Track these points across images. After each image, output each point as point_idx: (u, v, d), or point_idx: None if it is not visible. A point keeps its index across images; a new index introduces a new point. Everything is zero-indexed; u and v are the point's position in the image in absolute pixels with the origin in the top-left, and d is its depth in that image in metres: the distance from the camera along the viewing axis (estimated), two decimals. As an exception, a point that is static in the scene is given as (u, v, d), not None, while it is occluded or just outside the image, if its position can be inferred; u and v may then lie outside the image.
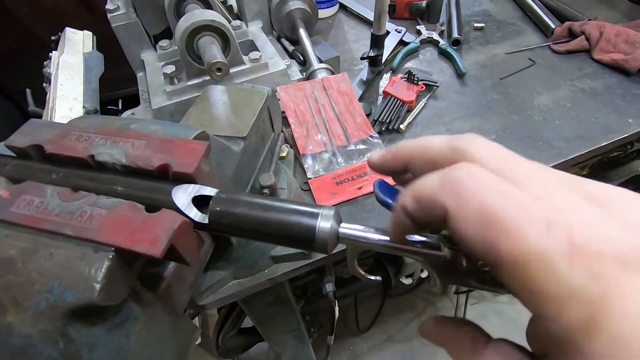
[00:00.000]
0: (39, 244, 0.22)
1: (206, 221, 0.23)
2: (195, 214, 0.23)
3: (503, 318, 1.28)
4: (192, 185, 0.25)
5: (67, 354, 0.22)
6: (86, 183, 0.25)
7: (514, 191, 0.15)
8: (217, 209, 0.23)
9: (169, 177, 0.25)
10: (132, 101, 0.73)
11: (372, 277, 0.24)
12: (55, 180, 0.25)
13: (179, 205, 0.23)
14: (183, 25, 0.55)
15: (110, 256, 0.21)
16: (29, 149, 0.27)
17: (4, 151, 0.29)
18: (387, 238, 0.21)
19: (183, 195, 0.24)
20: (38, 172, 0.26)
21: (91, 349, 0.23)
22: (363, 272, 0.24)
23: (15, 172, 0.26)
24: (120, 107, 0.86)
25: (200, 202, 0.24)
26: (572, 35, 0.76)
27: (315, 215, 0.22)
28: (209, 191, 0.24)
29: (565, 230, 0.14)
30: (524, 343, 0.18)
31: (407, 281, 0.85)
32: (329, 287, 0.58)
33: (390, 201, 0.20)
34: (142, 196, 0.24)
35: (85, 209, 0.23)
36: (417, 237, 0.20)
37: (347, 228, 0.22)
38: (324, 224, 0.21)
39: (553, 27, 0.78)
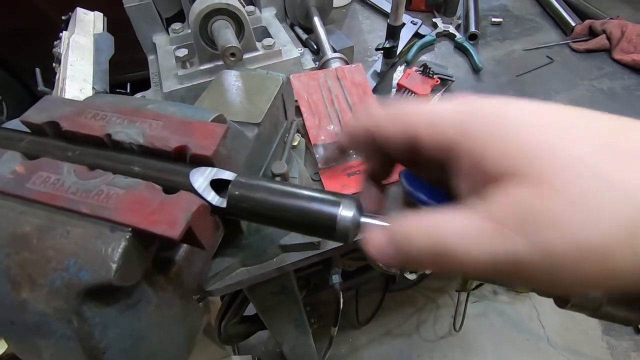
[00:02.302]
0: (55, 221, 0.22)
1: (224, 205, 0.23)
2: (213, 197, 0.23)
3: (504, 317, 1.28)
4: (210, 168, 0.24)
5: (80, 333, 0.22)
6: (102, 162, 0.25)
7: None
8: (236, 193, 0.23)
9: (187, 159, 0.25)
10: (141, 85, 0.72)
11: (394, 270, 0.23)
12: (71, 157, 0.25)
13: (196, 188, 0.23)
14: (198, 7, 0.54)
15: (127, 236, 0.21)
16: (44, 125, 0.26)
17: (18, 127, 0.28)
18: None
19: (201, 178, 0.23)
20: (53, 149, 0.26)
21: (104, 329, 0.23)
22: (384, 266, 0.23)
23: (31, 148, 0.26)
24: (128, 90, 0.86)
25: (217, 185, 0.24)
26: (592, 33, 0.74)
27: (336, 204, 0.21)
28: (227, 175, 0.24)
29: None
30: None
31: (411, 276, 0.85)
32: (336, 279, 0.58)
33: (422, 195, 0.18)
34: (159, 177, 0.24)
35: (102, 188, 0.22)
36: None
37: (369, 218, 0.21)
38: (346, 212, 0.21)
39: (573, 24, 0.76)
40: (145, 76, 0.70)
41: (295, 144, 0.55)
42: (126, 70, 1.08)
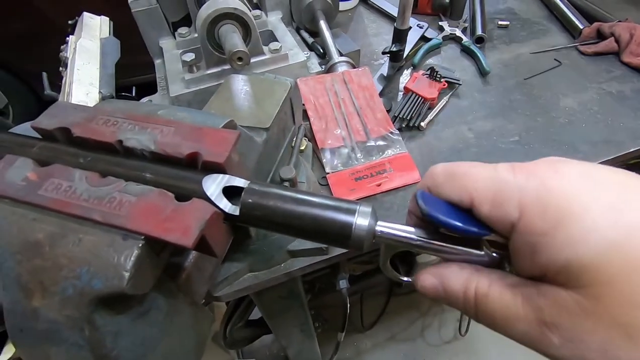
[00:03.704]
0: (67, 229, 0.22)
1: (237, 213, 0.22)
2: (225, 204, 0.23)
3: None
4: (222, 175, 0.24)
5: (91, 341, 0.22)
6: (114, 169, 0.24)
7: None
8: (249, 200, 0.22)
9: (198, 166, 0.25)
10: (145, 89, 0.72)
11: (405, 278, 0.23)
12: (83, 164, 0.25)
13: (209, 195, 0.23)
14: (205, 12, 0.54)
15: (140, 244, 0.21)
16: (55, 131, 0.26)
17: (27, 132, 0.28)
18: (426, 237, 0.20)
19: (213, 185, 0.23)
20: (65, 155, 0.25)
21: (115, 337, 0.23)
22: (396, 273, 0.23)
23: (42, 155, 0.26)
24: (133, 94, 0.86)
25: (229, 192, 0.23)
26: (600, 36, 0.74)
27: (352, 212, 0.21)
28: (240, 182, 0.23)
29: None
30: (529, 350, 0.17)
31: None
32: (343, 284, 0.57)
33: (441, 216, 0.18)
34: (171, 184, 0.23)
35: (114, 195, 0.22)
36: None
37: (384, 226, 0.21)
38: (362, 221, 0.20)
39: (581, 27, 0.75)
40: (150, 80, 0.70)
41: (303, 148, 0.55)
42: (131, 73, 1.08)
